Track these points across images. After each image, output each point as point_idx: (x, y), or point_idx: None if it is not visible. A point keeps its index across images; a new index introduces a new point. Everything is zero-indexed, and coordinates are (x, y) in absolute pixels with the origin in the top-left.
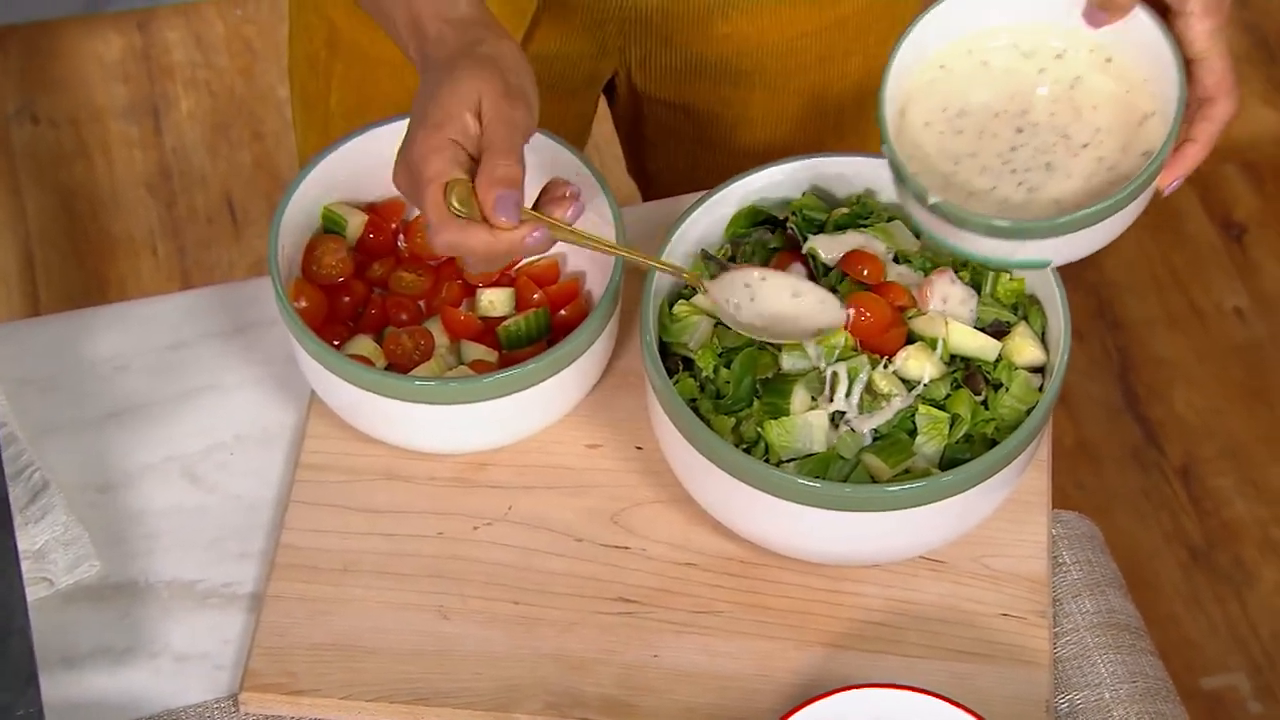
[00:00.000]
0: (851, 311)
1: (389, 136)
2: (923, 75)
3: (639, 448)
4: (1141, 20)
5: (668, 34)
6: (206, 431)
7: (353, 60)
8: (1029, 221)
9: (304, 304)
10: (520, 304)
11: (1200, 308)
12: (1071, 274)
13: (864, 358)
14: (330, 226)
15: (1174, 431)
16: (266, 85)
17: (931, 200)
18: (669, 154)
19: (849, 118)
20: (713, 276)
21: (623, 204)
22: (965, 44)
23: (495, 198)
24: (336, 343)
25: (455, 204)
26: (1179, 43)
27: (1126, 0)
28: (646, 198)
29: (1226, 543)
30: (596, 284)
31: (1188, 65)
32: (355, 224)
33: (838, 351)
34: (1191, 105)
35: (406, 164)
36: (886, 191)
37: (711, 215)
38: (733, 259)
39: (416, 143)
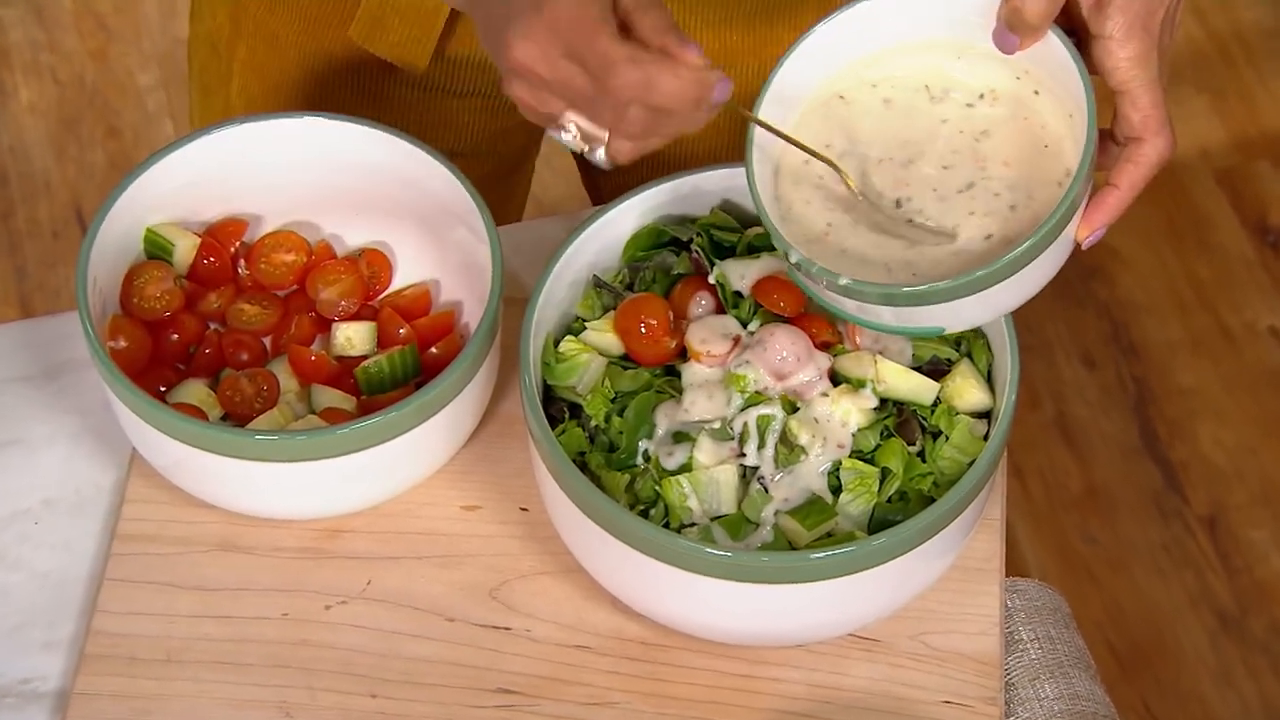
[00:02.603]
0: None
1: (227, 143)
2: (817, 99)
3: (524, 509)
4: (1053, 46)
5: None
6: (7, 496)
7: (258, 42)
8: (909, 286)
9: (122, 344)
10: (383, 341)
11: (1230, 329)
12: (1080, 293)
13: (778, 403)
14: (154, 251)
15: (1199, 475)
16: (124, 71)
17: (793, 258)
18: (623, 169)
19: None
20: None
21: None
22: (868, 71)
23: (674, 39)
24: (163, 389)
25: None
26: (1099, 72)
27: (1036, 20)
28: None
29: (1262, 606)
30: (475, 316)
31: (1109, 99)
32: (185, 248)
33: (745, 397)
34: (1118, 142)
35: (552, 22)
36: None
37: (606, 236)
38: (630, 287)
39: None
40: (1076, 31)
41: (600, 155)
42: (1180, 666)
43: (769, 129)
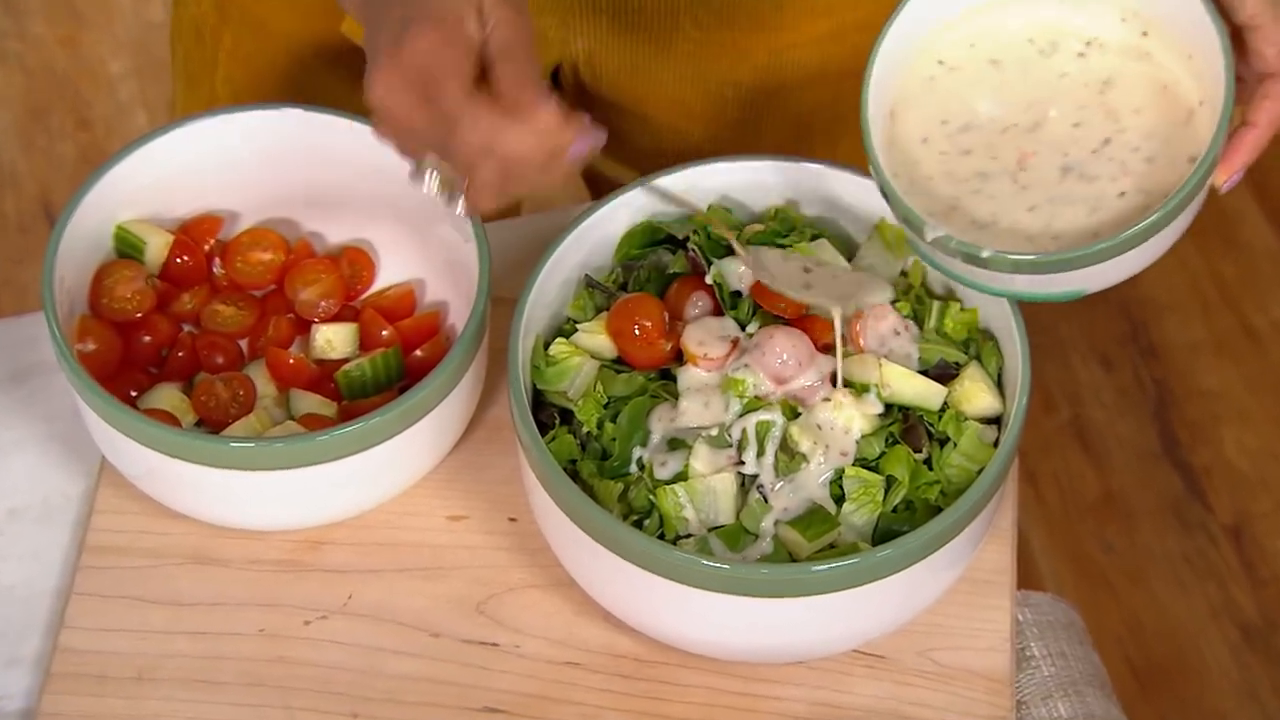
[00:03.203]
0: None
1: (201, 136)
2: (918, 72)
3: (512, 519)
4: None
5: (620, 30)
6: None
7: (245, 30)
8: (1056, 254)
9: (91, 346)
10: (365, 343)
11: (1255, 329)
12: (1098, 292)
13: (778, 409)
14: (125, 250)
15: (1223, 481)
16: (96, 59)
17: (931, 235)
18: (622, 160)
19: (836, 136)
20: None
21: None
22: (967, 32)
23: (531, 93)
24: (134, 393)
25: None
26: (1225, 11)
27: None
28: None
29: None
30: (461, 317)
31: (1237, 35)
32: (157, 246)
33: (743, 402)
34: (1249, 82)
35: (409, 63)
36: (809, 202)
37: (599, 233)
38: (624, 287)
39: (420, 38)
40: None
41: (459, 207)
42: (1202, 683)
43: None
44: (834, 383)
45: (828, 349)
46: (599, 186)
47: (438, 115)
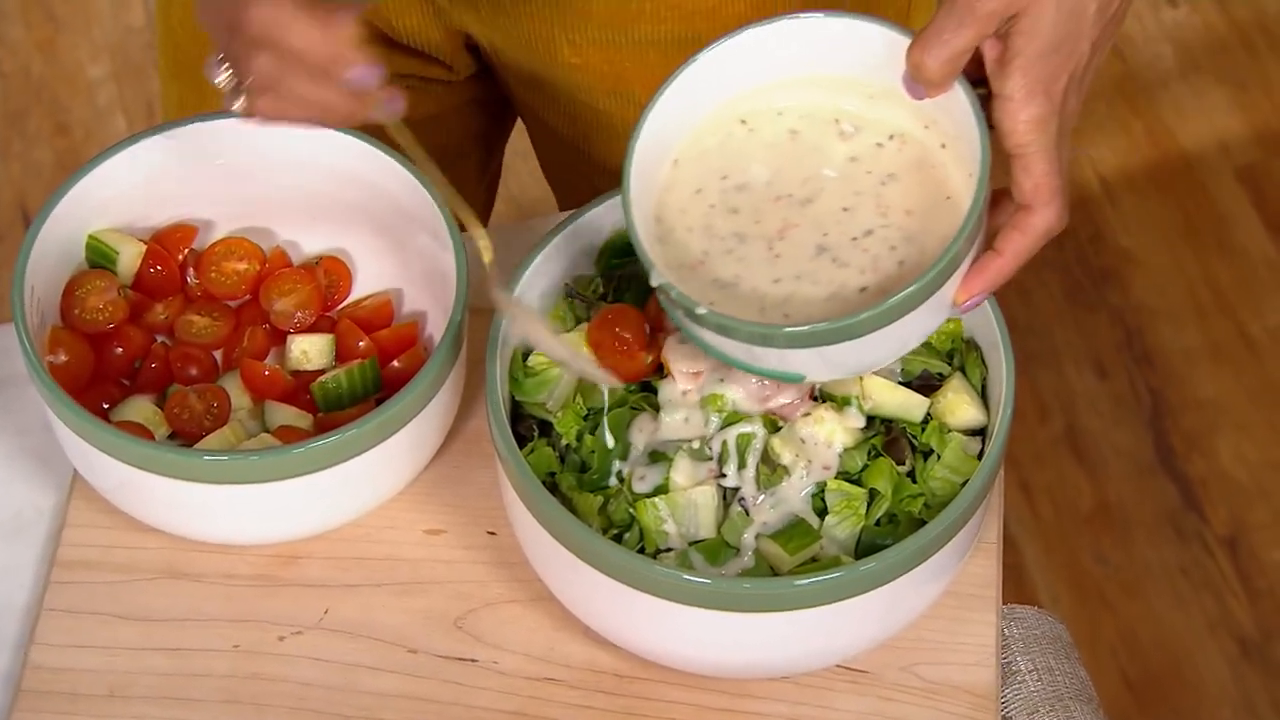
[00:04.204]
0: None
1: (174, 144)
2: (718, 127)
3: (491, 533)
4: (958, 99)
5: (512, 60)
6: None
7: None
8: (758, 324)
9: (62, 358)
10: (342, 355)
11: (1251, 336)
12: (1091, 297)
13: (759, 421)
14: (97, 260)
15: (1219, 492)
16: (74, 64)
17: (654, 281)
18: (563, 168)
19: None
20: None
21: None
22: (778, 100)
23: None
24: (106, 406)
25: None
26: (997, 131)
27: (936, 77)
28: (562, 206)
29: None
30: (439, 328)
31: (1007, 161)
32: (130, 256)
33: (723, 415)
34: (1007, 209)
35: None
36: None
37: (579, 242)
38: (604, 298)
39: None
40: (985, 84)
41: (238, 106)
42: (1199, 697)
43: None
44: (814, 397)
45: None
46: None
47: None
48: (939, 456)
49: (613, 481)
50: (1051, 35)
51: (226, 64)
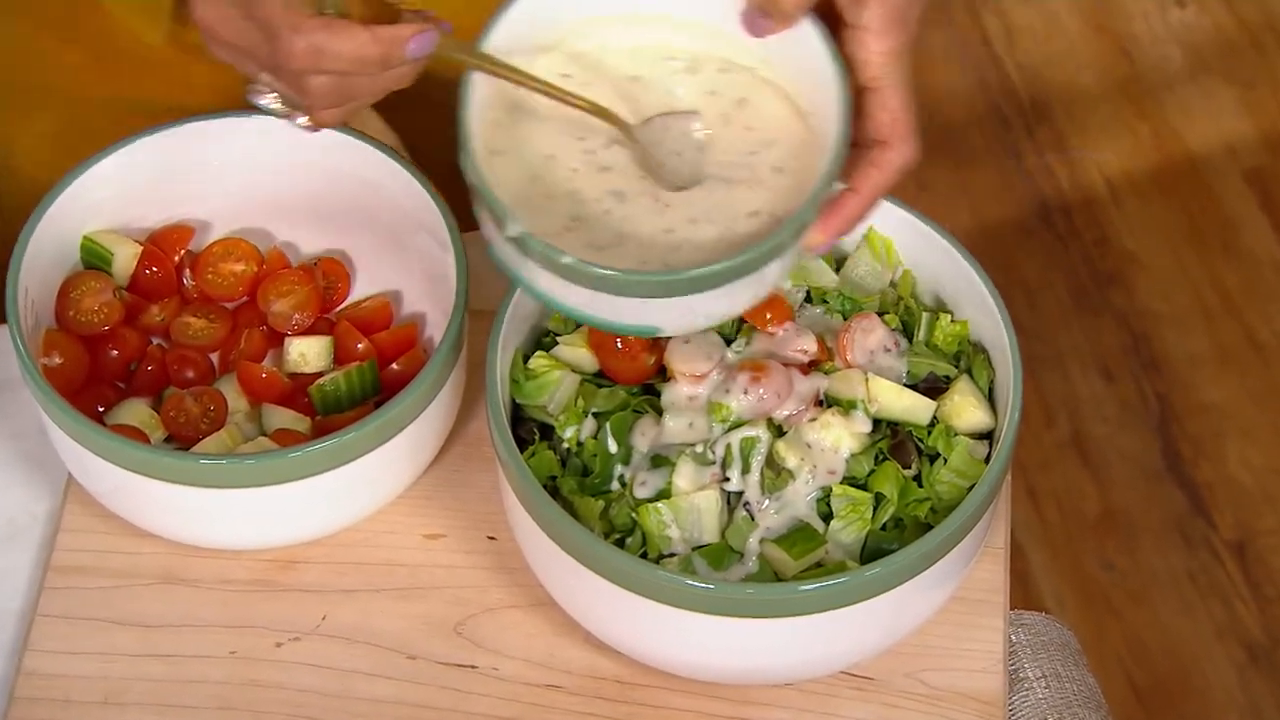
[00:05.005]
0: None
1: (171, 143)
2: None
3: (491, 538)
4: (806, 32)
5: None
6: None
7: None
8: (630, 272)
9: (57, 360)
10: (340, 357)
11: (1259, 340)
12: (1097, 301)
13: (763, 425)
14: (92, 261)
15: (1226, 497)
16: None
17: (513, 229)
18: None
19: None
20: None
21: None
22: (616, 33)
23: None
24: (102, 409)
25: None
26: (849, 64)
27: (793, 7)
28: None
29: None
30: (439, 330)
31: (859, 95)
32: (125, 257)
33: (730, 420)
34: (862, 145)
35: None
36: None
37: None
38: None
39: None
40: (828, 19)
41: (302, 122)
42: (1207, 704)
43: (510, 74)
44: (819, 402)
45: (814, 364)
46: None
47: (259, 27)
48: (945, 460)
49: (615, 486)
50: None
51: (271, 91)
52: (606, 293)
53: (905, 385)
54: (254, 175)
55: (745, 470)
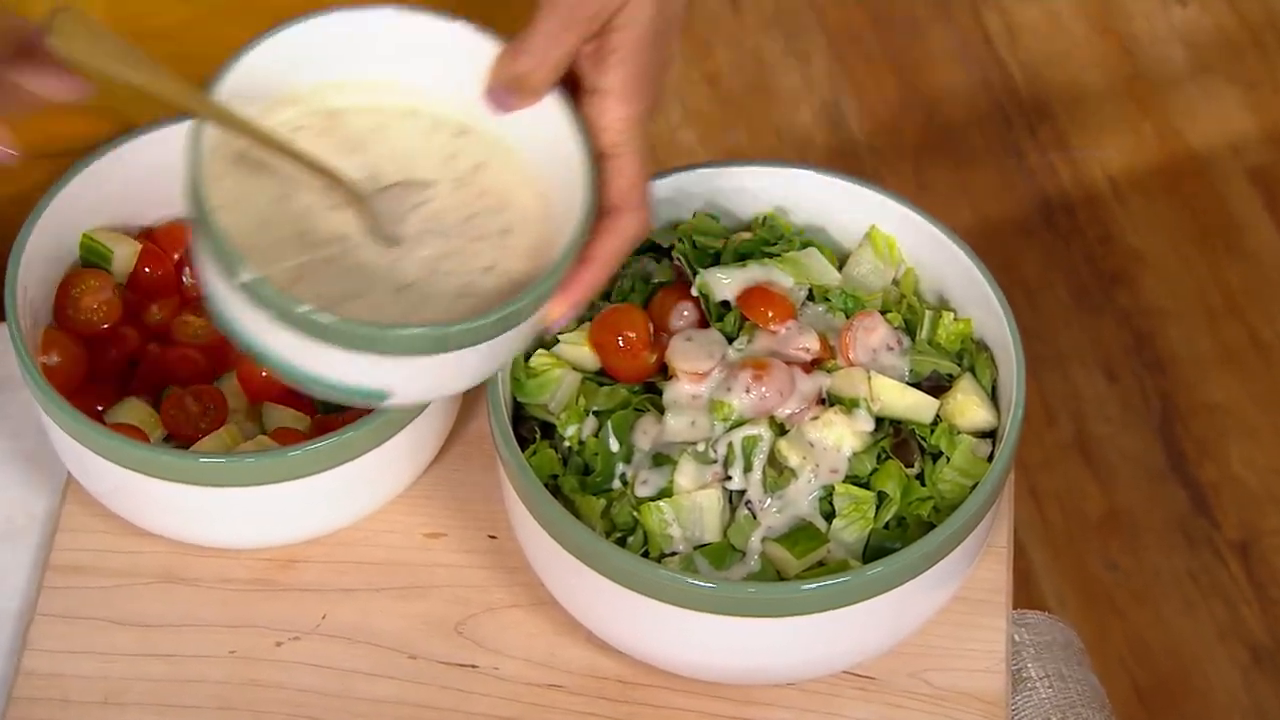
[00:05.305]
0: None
1: (171, 139)
2: (308, 105)
3: (492, 536)
4: (550, 104)
5: None
6: None
7: None
8: (362, 324)
9: (56, 359)
10: None
11: (1262, 340)
12: (1099, 300)
13: (765, 423)
14: (91, 259)
15: (1230, 498)
16: None
17: (247, 276)
18: None
19: None
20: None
21: None
22: (347, 93)
23: None
24: (101, 408)
25: None
26: (590, 130)
27: (543, 86)
28: None
29: None
30: None
31: (597, 161)
32: (125, 255)
33: (732, 418)
34: (600, 212)
35: None
36: (798, 209)
37: None
38: (606, 296)
39: None
40: (568, 82)
41: None
42: (1209, 705)
43: (239, 127)
44: (821, 401)
45: (816, 363)
46: None
47: None
48: (948, 459)
49: (616, 484)
50: (650, 29)
51: None
52: (336, 346)
53: (908, 384)
54: None
55: (747, 469)
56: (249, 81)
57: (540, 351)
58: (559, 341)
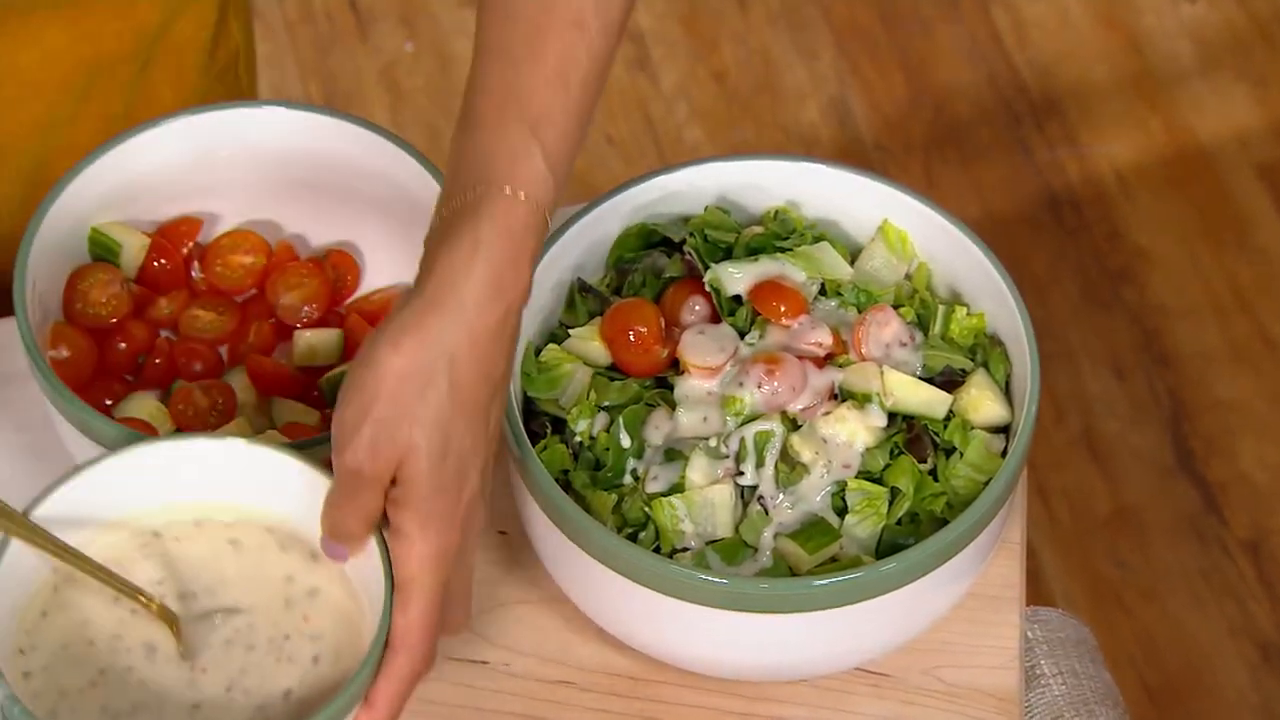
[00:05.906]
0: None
1: (178, 135)
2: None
3: (502, 533)
4: (372, 547)
5: None
6: None
7: None
8: None
9: (65, 353)
10: (350, 350)
11: (1272, 337)
12: (1108, 297)
13: (777, 419)
14: (100, 253)
15: (1239, 495)
16: None
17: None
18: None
19: None
20: None
21: None
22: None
23: None
24: (110, 402)
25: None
26: (393, 563)
27: (362, 535)
28: None
29: None
30: None
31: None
32: (134, 249)
33: (744, 413)
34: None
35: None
36: (810, 204)
37: (591, 236)
38: (617, 291)
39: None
40: None
41: None
42: (1219, 703)
43: (53, 549)
44: (834, 396)
45: (829, 357)
46: None
47: None
48: (961, 454)
49: (627, 480)
50: (435, 478)
51: None
52: None
53: (921, 379)
54: (263, 167)
55: (759, 464)
56: (71, 499)
57: (551, 346)
58: (570, 336)
